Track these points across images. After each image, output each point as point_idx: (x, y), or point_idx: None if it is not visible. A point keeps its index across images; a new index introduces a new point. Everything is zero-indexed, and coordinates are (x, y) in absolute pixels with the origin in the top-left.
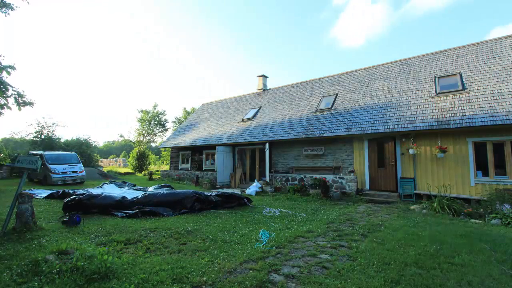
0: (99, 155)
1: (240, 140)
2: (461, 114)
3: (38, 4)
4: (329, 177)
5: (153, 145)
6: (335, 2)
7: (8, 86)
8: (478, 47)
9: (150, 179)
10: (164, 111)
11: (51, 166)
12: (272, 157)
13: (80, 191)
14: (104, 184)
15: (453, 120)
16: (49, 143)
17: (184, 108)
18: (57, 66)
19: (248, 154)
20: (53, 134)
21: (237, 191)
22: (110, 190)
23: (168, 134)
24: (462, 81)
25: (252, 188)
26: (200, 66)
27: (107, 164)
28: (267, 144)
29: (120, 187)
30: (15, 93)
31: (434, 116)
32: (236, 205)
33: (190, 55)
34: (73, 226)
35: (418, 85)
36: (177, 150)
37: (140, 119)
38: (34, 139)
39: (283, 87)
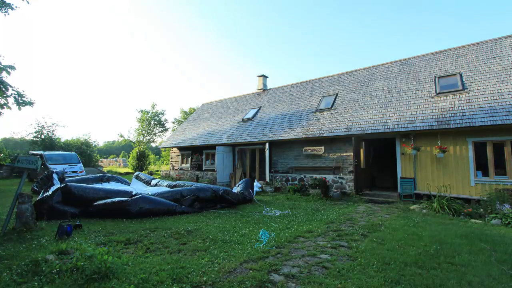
0: (99, 155)
1: (240, 140)
2: (461, 114)
3: (38, 4)
4: (329, 177)
5: (153, 145)
6: None
7: (8, 86)
8: (478, 47)
9: None
10: (164, 110)
11: (51, 166)
12: (272, 157)
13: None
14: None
15: (453, 120)
16: (49, 143)
17: (182, 109)
18: (57, 66)
19: (248, 154)
20: (53, 134)
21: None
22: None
23: (168, 134)
24: (462, 81)
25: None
26: (199, 66)
27: (107, 164)
28: (267, 144)
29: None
30: (15, 92)
31: (434, 116)
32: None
33: (188, 55)
34: (63, 237)
35: (418, 85)
36: (177, 150)
37: (140, 119)
38: (34, 139)
39: (283, 87)
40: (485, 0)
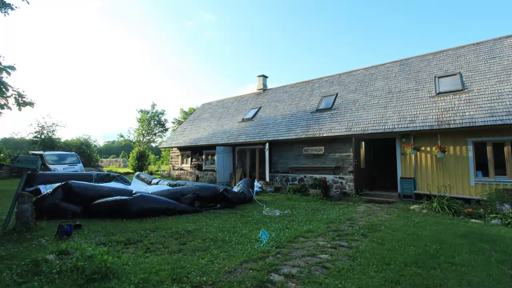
0: (99, 155)
1: (240, 140)
2: (461, 114)
3: (38, 4)
4: (329, 177)
5: (153, 145)
6: None
7: (8, 87)
8: (478, 47)
9: None
10: (164, 110)
11: (51, 166)
12: (272, 157)
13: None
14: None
15: (453, 120)
16: (49, 143)
17: (182, 109)
18: (57, 66)
19: (248, 154)
20: (53, 134)
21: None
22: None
23: (168, 134)
24: (462, 81)
25: None
26: (199, 66)
27: (107, 164)
28: (267, 144)
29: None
30: (15, 93)
31: (434, 116)
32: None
33: (188, 55)
34: (63, 237)
35: (418, 85)
36: (177, 150)
37: (140, 119)
38: (34, 139)
39: (283, 87)
40: (485, 0)
